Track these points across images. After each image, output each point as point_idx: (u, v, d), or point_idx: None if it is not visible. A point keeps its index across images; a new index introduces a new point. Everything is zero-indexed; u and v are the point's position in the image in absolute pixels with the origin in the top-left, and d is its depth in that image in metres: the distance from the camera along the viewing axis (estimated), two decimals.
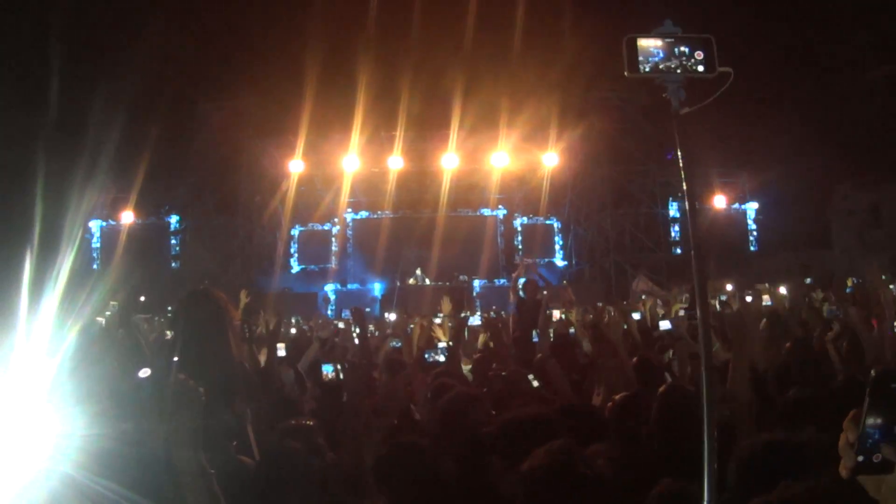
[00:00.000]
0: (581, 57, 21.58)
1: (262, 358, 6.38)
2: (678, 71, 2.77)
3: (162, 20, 25.68)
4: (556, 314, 12.13)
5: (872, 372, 1.88)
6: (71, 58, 25.66)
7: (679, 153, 2.85)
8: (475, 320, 12.62)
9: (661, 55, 2.78)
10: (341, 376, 7.15)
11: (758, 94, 27.91)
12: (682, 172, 2.86)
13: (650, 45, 2.78)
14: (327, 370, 6.82)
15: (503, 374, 6.70)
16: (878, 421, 1.86)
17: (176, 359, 4.03)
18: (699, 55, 2.79)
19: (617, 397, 4.89)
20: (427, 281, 27.43)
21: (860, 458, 1.84)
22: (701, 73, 2.79)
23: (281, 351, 10.12)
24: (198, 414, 2.78)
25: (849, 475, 1.83)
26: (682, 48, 2.79)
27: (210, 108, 28.82)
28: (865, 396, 1.82)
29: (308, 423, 4.27)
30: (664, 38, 2.78)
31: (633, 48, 2.76)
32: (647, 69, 2.76)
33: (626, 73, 2.76)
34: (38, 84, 25.29)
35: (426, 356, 8.71)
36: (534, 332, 9.41)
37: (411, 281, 27.59)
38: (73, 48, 25.38)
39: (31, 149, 24.87)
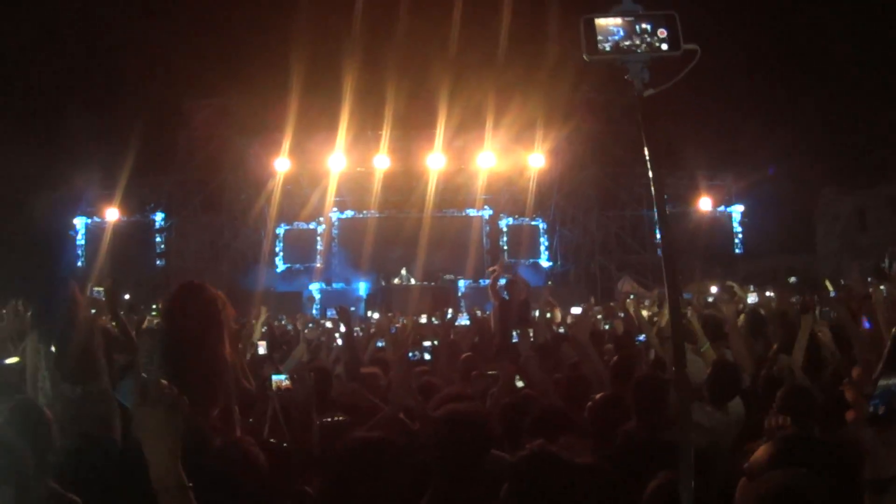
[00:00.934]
0: (567, 57, 21.63)
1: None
2: (640, 50, 2.63)
3: (147, 18, 25.68)
4: (537, 315, 12.15)
5: (893, 331, 1.94)
6: (55, 55, 25.63)
7: (644, 137, 2.69)
8: (463, 320, 12.61)
9: (622, 34, 2.63)
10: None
11: (743, 96, 28.11)
12: (648, 159, 2.70)
13: (609, 23, 2.63)
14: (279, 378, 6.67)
15: (490, 373, 6.72)
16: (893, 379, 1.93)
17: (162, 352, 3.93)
18: (662, 33, 2.64)
19: (596, 397, 4.88)
20: (412, 280, 27.38)
21: (871, 409, 1.90)
22: (665, 51, 2.63)
23: (261, 349, 10.16)
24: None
25: (859, 424, 1.89)
26: (644, 26, 2.64)
27: (195, 106, 28.77)
28: (884, 354, 1.88)
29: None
30: (624, 17, 2.64)
31: (591, 28, 2.61)
32: (608, 48, 2.62)
33: (584, 56, 2.61)
34: (21, 82, 25.26)
35: (411, 355, 8.71)
36: (513, 333, 9.35)
37: (396, 280, 27.56)
38: (58, 47, 25.35)
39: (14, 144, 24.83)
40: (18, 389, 5.44)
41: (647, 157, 2.68)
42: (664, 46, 2.64)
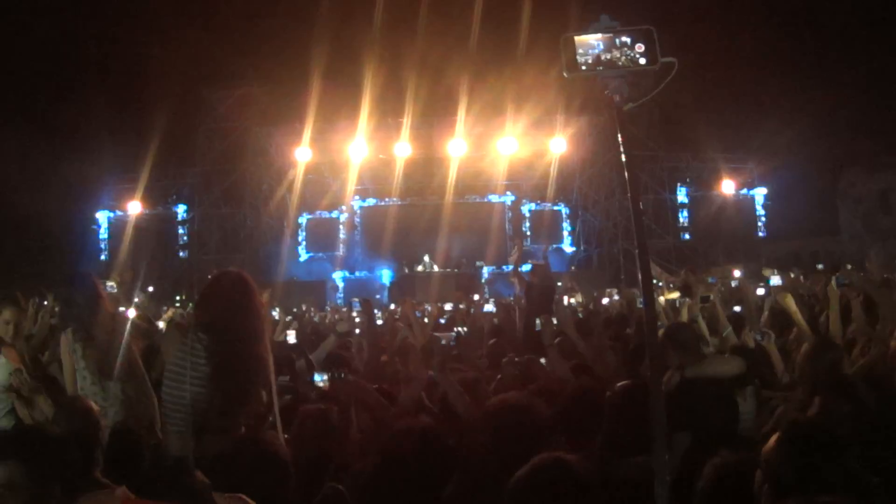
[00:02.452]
0: None
1: None
2: (620, 63, 2.71)
3: (168, 7, 25.67)
4: (564, 300, 12.10)
5: None
6: (77, 46, 25.71)
7: (622, 149, 2.83)
8: (489, 307, 12.56)
9: (601, 47, 2.71)
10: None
11: (766, 78, 27.91)
12: (625, 170, 2.85)
13: (589, 39, 2.73)
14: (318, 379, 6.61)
15: (516, 359, 6.69)
16: None
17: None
18: (640, 47, 2.72)
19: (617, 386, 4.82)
20: (435, 268, 27.37)
21: None
22: (643, 65, 2.71)
23: (291, 338, 10.17)
24: None
25: None
26: (624, 39, 2.72)
27: (216, 97, 28.78)
28: None
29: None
30: (602, 34, 2.73)
31: (571, 46, 2.71)
32: (589, 61, 2.70)
33: (564, 74, 2.70)
34: (42, 74, 25.36)
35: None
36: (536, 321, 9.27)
37: (419, 268, 27.55)
38: (80, 37, 25.44)
39: (37, 137, 24.97)
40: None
41: (626, 172, 2.88)
42: (642, 60, 2.72)
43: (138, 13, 26.03)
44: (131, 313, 6.37)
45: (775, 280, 11.96)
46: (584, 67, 2.71)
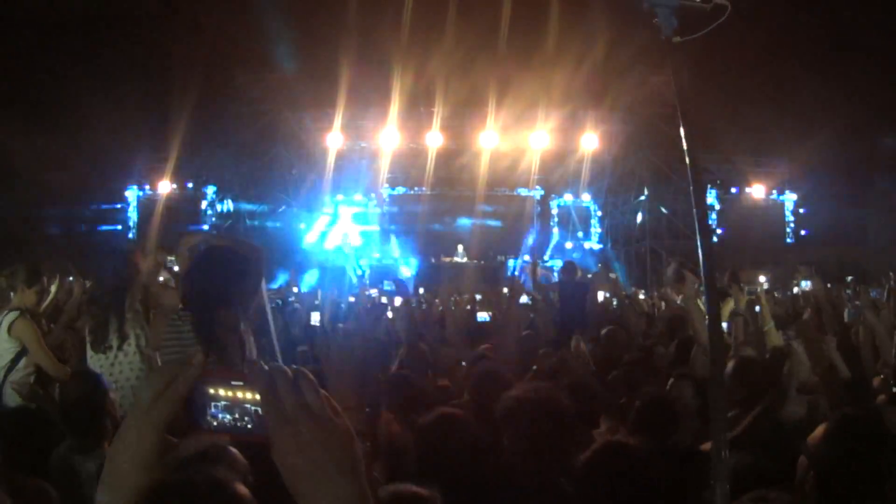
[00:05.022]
0: (621, 39, 21.40)
1: None
2: None
3: None
4: (601, 296, 12.10)
5: None
6: (111, 28, 25.85)
7: (674, 85, 2.73)
8: (523, 299, 12.56)
9: None
10: None
11: (798, 83, 27.64)
12: (679, 110, 2.73)
13: None
14: None
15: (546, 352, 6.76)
16: None
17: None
18: None
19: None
20: (465, 259, 27.42)
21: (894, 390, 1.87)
22: (696, 2, 2.62)
23: (314, 319, 10.25)
24: None
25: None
26: None
27: (248, 81, 28.84)
28: None
29: None
30: None
31: None
32: None
33: None
34: (76, 52, 25.50)
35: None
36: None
37: (449, 259, 27.60)
38: (114, 18, 25.56)
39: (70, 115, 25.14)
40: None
41: (679, 112, 2.75)
42: None
43: None
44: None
45: (805, 284, 11.89)
46: None
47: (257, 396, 1.19)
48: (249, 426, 1.21)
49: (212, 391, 1.22)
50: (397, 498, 2.55)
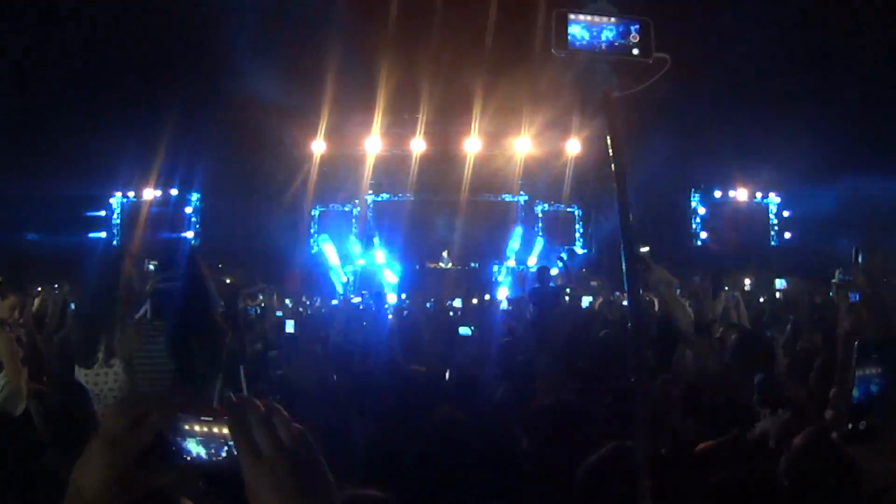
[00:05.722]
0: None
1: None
2: (611, 53, 2.65)
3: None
4: (585, 301, 12.14)
5: (855, 344, 1.91)
6: (95, 34, 25.76)
7: (609, 140, 2.75)
8: (505, 305, 12.59)
9: (594, 33, 2.65)
10: None
11: (782, 87, 27.74)
12: (613, 161, 2.77)
13: (583, 21, 2.64)
14: None
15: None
16: (864, 390, 1.90)
17: None
18: (635, 38, 2.66)
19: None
20: (450, 265, 27.44)
21: (850, 426, 1.88)
22: (636, 56, 2.66)
23: (289, 327, 10.30)
24: None
25: (840, 441, 1.90)
26: (619, 28, 2.66)
27: (233, 88, 28.75)
28: (852, 370, 1.85)
29: None
30: (599, 17, 2.65)
31: (563, 23, 2.62)
32: (579, 45, 2.63)
33: (553, 50, 2.61)
34: (59, 57, 25.42)
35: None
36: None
37: (434, 264, 27.61)
38: (95, 24, 25.48)
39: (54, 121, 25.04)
40: None
41: (613, 163, 2.80)
42: (635, 51, 2.67)
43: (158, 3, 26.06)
44: None
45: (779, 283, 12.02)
46: (575, 47, 2.63)
47: (226, 430, 1.18)
48: (221, 461, 1.20)
49: (185, 425, 1.21)
50: (354, 501, 2.56)
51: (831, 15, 25.03)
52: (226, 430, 1.19)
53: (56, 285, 8.87)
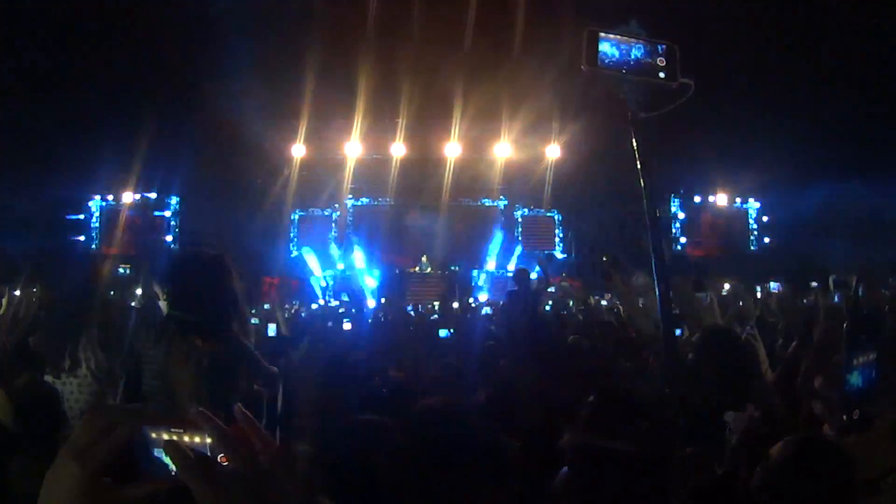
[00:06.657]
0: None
1: None
2: (638, 75, 2.69)
3: (168, 2, 25.60)
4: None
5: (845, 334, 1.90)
6: (74, 38, 25.61)
7: (637, 156, 2.82)
8: (487, 310, 12.58)
9: (622, 53, 2.69)
10: None
11: (762, 91, 27.88)
12: (642, 179, 2.84)
13: (612, 40, 2.69)
14: None
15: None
16: (855, 381, 1.90)
17: None
18: (661, 62, 2.71)
19: None
20: (429, 269, 27.42)
21: (844, 418, 1.87)
22: (661, 79, 2.70)
23: (270, 331, 10.26)
24: None
25: (837, 435, 1.88)
26: (646, 51, 2.70)
27: (213, 91, 28.65)
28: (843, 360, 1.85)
29: None
30: (628, 38, 2.70)
31: (594, 41, 2.66)
32: (607, 64, 2.67)
33: (582, 66, 2.65)
34: (39, 61, 25.27)
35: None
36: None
37: (413, 269, 27.60)
38: (77, 27, 25.32)
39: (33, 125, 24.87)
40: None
41: (642, 181, 2.88)
42: (661, 74, 2.71)
43: (138, 5, 25.91)
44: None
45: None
46: (605, 64, 2.66)
47: (198, 439, 1.16)
48: None
49: (154, 435, 1.19)
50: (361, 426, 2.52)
51: (809, 22, 25.16)
52: (197, 440, 1.17)
53: (35, 288, 8.72)
